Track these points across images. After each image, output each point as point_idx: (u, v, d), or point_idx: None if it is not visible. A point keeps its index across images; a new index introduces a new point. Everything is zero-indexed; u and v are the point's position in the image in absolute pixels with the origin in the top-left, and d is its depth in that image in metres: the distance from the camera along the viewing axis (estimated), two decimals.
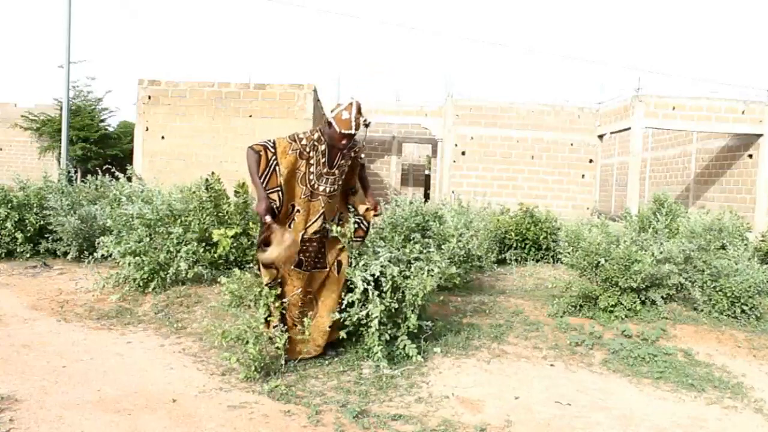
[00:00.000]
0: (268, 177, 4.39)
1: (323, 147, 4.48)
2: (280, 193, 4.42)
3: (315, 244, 4.61)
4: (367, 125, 4.48)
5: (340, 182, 4.68)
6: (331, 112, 4.44)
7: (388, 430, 3.70)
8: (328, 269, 4.71)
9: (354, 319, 4.63)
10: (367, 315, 4.61)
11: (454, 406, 4.15)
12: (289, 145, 4.45)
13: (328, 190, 4.58)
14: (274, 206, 4.42)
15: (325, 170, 4.52)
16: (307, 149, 4.44)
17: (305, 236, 4.55)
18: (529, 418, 4.04)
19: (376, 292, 4.64)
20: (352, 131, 4.34)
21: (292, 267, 4.54)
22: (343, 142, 4.41)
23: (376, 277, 4.68)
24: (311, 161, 4.46)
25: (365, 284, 4.58)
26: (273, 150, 4.41)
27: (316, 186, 4.52)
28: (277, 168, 4.39)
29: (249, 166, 4.42)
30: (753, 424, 4.20)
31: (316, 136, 4.50)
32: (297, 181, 4.49)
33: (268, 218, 4.36)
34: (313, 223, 4.57)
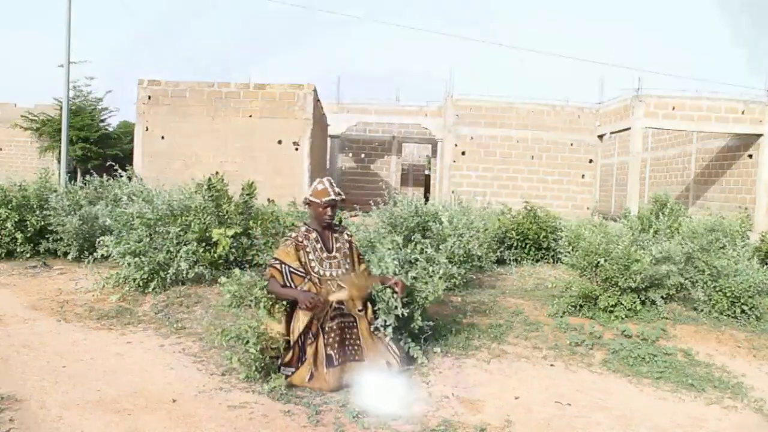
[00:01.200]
0: (291, 281, 4.60)
1: (314, 234, 4.76)
2: (310, 282, 4.59)
3: (338, 330, 4.43)
4: (343, 200, 4.82)
5: (347, 265, 4.74)
6: (307, 195, 4.83)
7: (388, 430, 3.70)
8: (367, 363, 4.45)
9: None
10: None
11: (454, 406, 4.15)
12: (284, 244, 4.76)
13: (334, 274, 4.66)
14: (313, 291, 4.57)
15: (324, 255, 4.71)
16: (300, 239, 4.72)
17: (324, 326, 4.44)
18: (529, 418, 4.04)
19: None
20: (332, 196, 4.67)
21: (326, 368, 4.32)
22: (328, 212, 4.71)
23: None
24: (308, 248, 4.71)
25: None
26: (278, 260, 4.67)
27: (321, 271, 4.65)
28: (290, 270, 4.62)
29: (273, 290, 4.61)
30: (753, 424, 4.20)
31: (303, 228, 4.83)
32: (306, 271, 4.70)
33: (318, 297, 4.41)
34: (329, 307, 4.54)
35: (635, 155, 19.52)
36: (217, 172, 7.39)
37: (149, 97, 17.00)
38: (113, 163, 9.89)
